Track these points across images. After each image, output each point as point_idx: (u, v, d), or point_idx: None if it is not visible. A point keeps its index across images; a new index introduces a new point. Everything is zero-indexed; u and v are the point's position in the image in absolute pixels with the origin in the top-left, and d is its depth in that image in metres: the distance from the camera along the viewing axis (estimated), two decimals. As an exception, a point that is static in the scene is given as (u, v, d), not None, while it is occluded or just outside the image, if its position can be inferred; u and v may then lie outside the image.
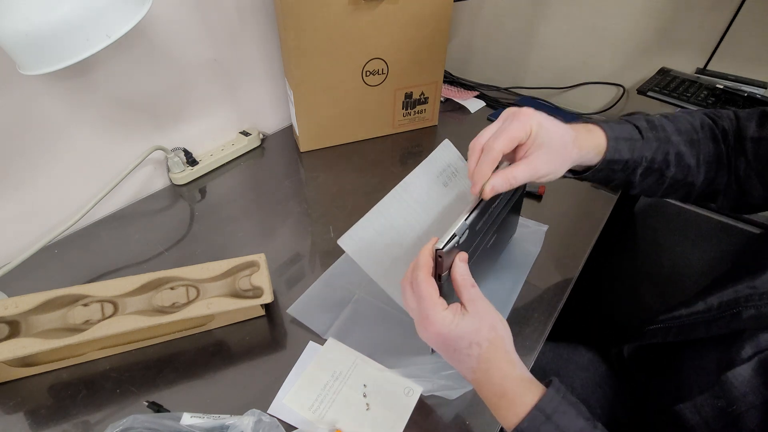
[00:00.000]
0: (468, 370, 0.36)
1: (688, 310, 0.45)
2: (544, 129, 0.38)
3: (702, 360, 0.43)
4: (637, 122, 0.45)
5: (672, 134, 0.45)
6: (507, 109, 0.40)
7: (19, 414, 0.43)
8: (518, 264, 0.57)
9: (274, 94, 0.83)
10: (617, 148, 0.43)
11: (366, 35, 0.70)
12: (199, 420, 0.38)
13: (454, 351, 0.36)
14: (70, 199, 0.61)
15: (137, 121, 0.65)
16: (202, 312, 0.46)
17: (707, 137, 0.45)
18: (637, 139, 0.44)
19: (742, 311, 0.39)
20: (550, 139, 0.38)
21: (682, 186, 0.46)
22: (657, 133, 0.44)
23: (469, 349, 0.35)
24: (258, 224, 0.65)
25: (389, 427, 0.41)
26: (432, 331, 0.35)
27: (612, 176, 0.45)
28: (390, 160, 0.79)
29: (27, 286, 0.54)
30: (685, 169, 0.45)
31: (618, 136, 0.43)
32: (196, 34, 0.66)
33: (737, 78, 0.75)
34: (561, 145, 0.39)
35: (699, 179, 0.46)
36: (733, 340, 0.39)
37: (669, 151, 0.44)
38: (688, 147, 0.45)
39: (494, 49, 1.01)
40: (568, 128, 0.41)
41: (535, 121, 0.38)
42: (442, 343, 0.36)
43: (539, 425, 0.32)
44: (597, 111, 0.92)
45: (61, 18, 0.39)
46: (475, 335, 0.35)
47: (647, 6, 0.78)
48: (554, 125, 0.39)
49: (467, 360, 0.35)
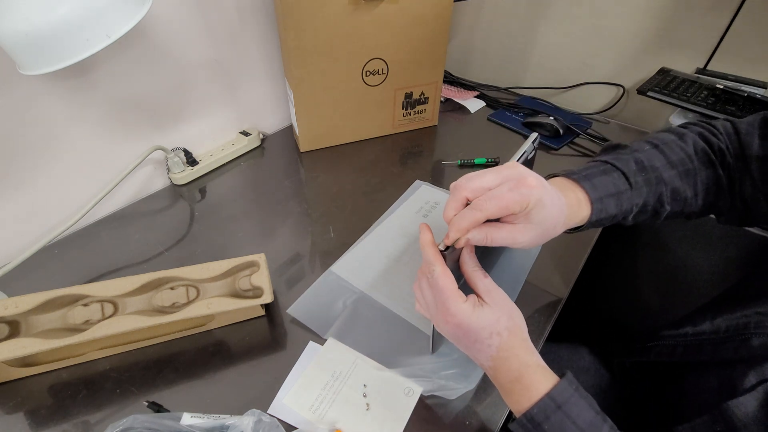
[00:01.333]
0: (486, 359, 0.36)
1: (695, 329, 0.44)
2: (543, 207, 0.34)
3: (704, 381, 0.42)
4: (624, 167, 0.41)
5: (663, 170, 0.42)
6: (511, 166, 0.35)
7: (19, 414, 0.43)
8: (518, 264, 0.57)
9: (274, 94, 0.83)
10: (602, 208, 0.40)
11: (366, 35, 0.70)
12: (199, 420, 0.38)
13: (475, 342, 0.36)
14: (70, 199, 0.61)
15: (137, 121, 0.65)
16: (202, 312, 0.46)
17: (702, 163, 0.42)
18: (624, 191, 0.41)
19: (751, 337, 0.38)
20: (543, 220, 0.35)
21: (680, 215, 0.45)
22: (647, 175, 0.41)
23: (489, 339, 0.35)
24: (258, 224, 0.65)
25: (389, 427, 0.41)
26: (453, 323, 0.35)
27: (600, 226, 0.43)
28: (390, 160, 0.79)
29: (27, 286, 0.54)
30: (682, 202, 0.43)
31: (602, 196, 0.40)
32: (196, 34, 0.66)
33: (737, 78, 0.75)
34: (552, 225, 0.36)
35: (697, 207, 0.44)
36: (736, 365, 0.38)
37: (662, 192, 0.42)
38: (683, 180, 0.42)
39: (494, 49, 1.01)
40: (563, 205, 0.37)
41: (535, 197, 0.33)
42: (462, 334, 0.36)
43: (550, 413, 0.32)
44: (597, 111, 0.92)
45: (61, 18, 0.39)
46: (495, 325, 0.35)
47: (647, 6, 0.78)
48: (553, 204, 0.35)
49: (487, 350, 0.36)
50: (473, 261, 0.38)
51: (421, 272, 0.38)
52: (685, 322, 0.46)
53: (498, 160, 0.76)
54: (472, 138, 0.86)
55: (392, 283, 0.55)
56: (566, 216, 0.38)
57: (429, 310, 0.38)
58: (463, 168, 0.76)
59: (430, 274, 0.36)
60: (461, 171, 0.76)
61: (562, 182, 0.41)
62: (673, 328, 0.47)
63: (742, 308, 0.41)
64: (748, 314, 0.40)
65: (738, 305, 0.42)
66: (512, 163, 0.36)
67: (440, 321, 0.37)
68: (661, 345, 0.48)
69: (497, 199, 0.33)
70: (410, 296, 0.53)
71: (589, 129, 0.86)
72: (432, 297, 0.37)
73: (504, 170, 0.35)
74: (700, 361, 0.43)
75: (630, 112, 0.90)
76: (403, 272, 0.56)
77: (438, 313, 0.36)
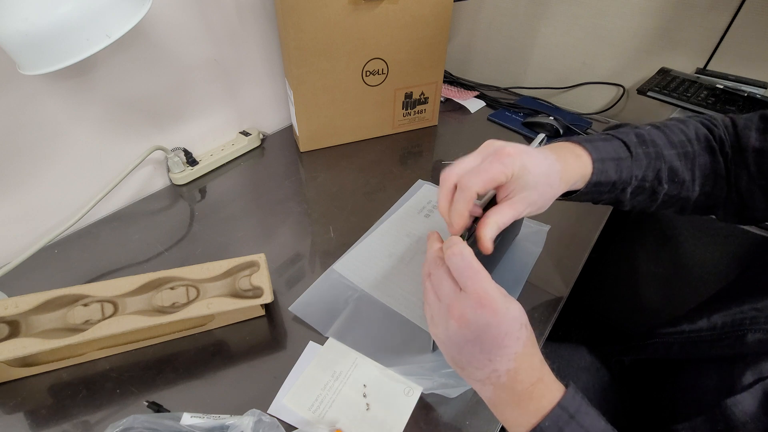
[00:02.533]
0: (510, 358, 0.32)
1: (691, 326, 0.44)
2: (528, 171, 0.35)
3: (701, 379, 0.42)
4: (625, 137, 0.42)
5: (664, 148, 0.42)
6: (488, 143, 0.37)
7: (19, 414, 0.43)
8: (520, 264, 0.57)
9: (274, 94, 0.83)
10: (603, 169, 0.40)
11: (366, 35, 0.70)
12: (199, 420, 0.38)
13: (505, 335, 0.31)
14: (70, 199, 0.61)
15: (137, 121, 0.65)
16: (202, 312, 0.46)
17: (703, 149, 0.42)
18: (624, 158, 0.41)
19: (746, 333, 0.38)
20: (535, 182, 0.35)
21: (676, 201, 0.44)
22: (647, 148, 0.41)
23: (519, 331, 0.32)
24: (258, 224, 0.65)
25: (389, 427, 0.41)
26: (490, 309, 0.31)
27: (599, 197, 0.42)
28: (390, 160, 0.79)
29: (27, 286, 0.54)
30: (679, 184, 0.42)
31: (604, 157, 0.40)
32: (196, 34, 0.66)
33: (737, 78, 0.75)
34: (546, 185, 0.36)
35: (694, 193, 0.43)
36: (734, 362, 0.38)
37: (661, 168, 0.41)
38: (681, 161, 0.42)
39: (494, 49, 1.01)
40: (554, 162, 0.37)
41: (518, 164, 0.34)
42: (495, 324, 0.31)
43: (562, 425, 0.31)
44: (597, 111, 0.92)
45: (61, 18, 0.39)
46: (522, 316, 0.33)
47: (647, 6, 0.78)
48: (539, 165, 0.36)
49: (514, 344, 0.32)
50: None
51: (433, 262, 0.35)
52: (682, 319, 0.46)
53: (498, 160, 0.76)
54: (472, 138, 0.86)
55: (394, 281, 0.55)
56: (560, 171, 0.37)
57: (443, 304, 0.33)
58: (463, 168, 0.76)
59: (460, 254, 0.32)
60: (461, 171, 0.76)
61: (560, 144, 0.41)
62: (671, 325, 0.47)
63: (738, 305, 0.41)
64: (743, 310, 0.40)
65: (734, 302, 0.42)
66: (489, 140, 0.37)
67: (476, 305, 0.31)
68: (658, 342, 0.48)
69: (481, 174, 0.34)
70: (411, 295, 0.53)
71: (589, 129, 0.86)
72: (451, 286, 0.33)
73: (482, 148, 0.37)
74: (698, 359, 0.43)
75: (630, 112, 0.90)
76: (404, 271, 0.56)
77: (461, 301, 0.32)
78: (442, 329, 0.34)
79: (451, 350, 0.34)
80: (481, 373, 0.33)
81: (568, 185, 0.39)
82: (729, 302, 0.42)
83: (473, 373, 0.33)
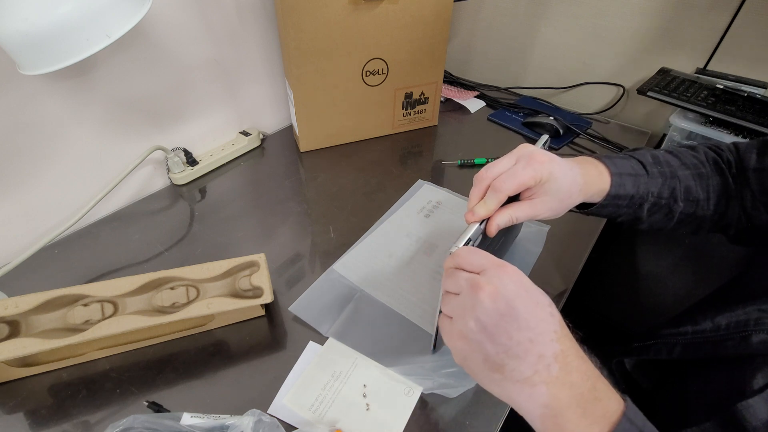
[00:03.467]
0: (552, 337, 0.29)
1: (694, 327, 0.44)
2: (554, 179, 0.38)
3: (709, 381, 0.41)
4: (641, 157, 0.45)
5: (678, 168, 0.45)
6: (522, 147, 0.40)
7: (19, 414, 0.43)
8: (520, 264, 0.57)
9: (274, 94, 0.83)
10: (621, 183, 0.42)
11: (366, 35, 0.70)
12: (199, 420, 0.38)
13: (536, 304, 0.30)
14: (70, 199, 0.61)
15: (137, 121, 0.65)
16: (202, 312, 0.46)
17: (713, 170, 0.45)
18: (641, 175, 0.44)
19: (751, 334, 0.38)
20: (558, 189, 0.39)
21: (692, 220, 0.46)
22: (662, 168, 0.44)
23: (551, 307, 0.30)
24: (258, 224, 0.65)
25: (389, 427, 0.41)
26: (515, 277, 0.30)
27: (618, 211, 0.45)
28: (390, 160, 0.79)
29: (27, 286, 0.54)
30: (694, 203, 0.45)
31: (621, 172, 0.43)
32: (196, 34, 0.66)
33: (737, 78, 0.75)
34: (567, 195, 0.40)
35: (709, 212, 0.45)
36: (743, 365, 0.37)
37: (676, 187, 0.44)
38: (696, 181, 0.45)
39: (494, 49, 1.01)
40: (578, 175, 0.40)
41: (546, 171, 0.38)
42: (523, 293, 0.30)
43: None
44: (597, 111, 0.92)
45: (61, 18, 0.39)
46: (548, 298, 0.31)
47: (647, 6, 0.78)
48: (565, 175, 0.39)
49: (550, 320, 0.30)
50: None
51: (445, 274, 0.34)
52: (684, 320, 0.46)
53: (498, 160, 0.76)
54: (472, 138, 0.86)
55: (394, 281, 0.55)
56: (581, 185, 0.40)
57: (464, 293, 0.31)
58: (463, 168, 0.76)
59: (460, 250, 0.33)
60: (461, 171, 0.76)
61: (584, 158, 0.44)
62: (673, 326, 0.47)
63: (743, 305, 0.40)
64: (747, 311, 0.40)
65: (738, 302, 0.41)
66: (522, 144, 0.40)
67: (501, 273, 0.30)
68: (660, 343, 0.47)
69: (513, 177, 0.37)
70: (411, 295, 0.53)
71: (589, 129, 0.86)
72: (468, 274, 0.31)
73: (515, 151, 0.40)
74: (702, 360, 0.43)
75: (630, 112, 0.90)
76: (404, 271, 0.56)
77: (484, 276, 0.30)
78: (469, 317, 0.30)
79: (484, 344, 0.29)
80: (526, 366, 0.28)
81: (586, 197, 0.42)
82: (732, 302, 0.42)
83: (516, 369, 0.29)
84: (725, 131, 0.68)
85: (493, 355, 0.29)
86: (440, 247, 0.60)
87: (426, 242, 0.60)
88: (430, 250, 0.59)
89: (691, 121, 0.71)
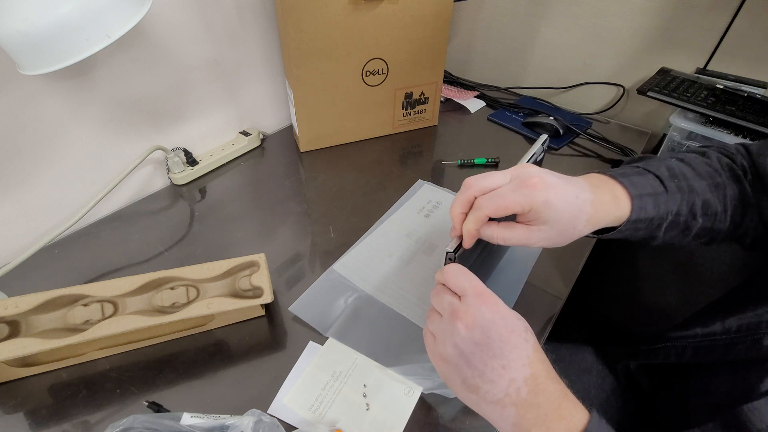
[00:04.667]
0: (524, 363, 0.31)
1: (704, 329, 0.43)
2: (551, 208, 0.34)
3: (712, 383, 0.41)
4: (657, 171, 0.40)
5: (694, 180, 0.40)
6: (521, 167, 0.36)
7: (19, 414, 0.43)
8: (520, 264, 0.57)
9: (274, 94, 0.83)
10: (642, 206, 0.38)
11: (366, 35, 0.70)
12: (199, 420, 0.38)
13: (512, 332, 0.31)
14: (70, 198, 0.61)
15: (137, 121, 0.65)
16: (202, 312, 0.46)
17: (729, 178, 0.41)
18: (660, 193, 0.39)
19: (762, 337, 0.37)
20: (557, 219, 0.34)
21: (708, 233, 0.42)
22: (679, 182, 0.40)
23: (525, 333, 0.32)
24: (258, 224, 0.65)
25: (389, 427, 0.41)
26: (492, 305, 0.32)
27: (634, 234, 0.41)
28: (390, 160, 0.79)
29: (27, 286, 0.54)
30: (713, 217, 0.41)
31: (642, 193, 0.38)
32: (196, 34, 0.66)
33: (737, 78, 0.75)
34: (569, 225, 0.35)
35: (725, 224, 0.42)
36: (748, 366, 0.37)
37: (694, 202, 0.40)
38: (713, 193, 0.41)
39: (494, 49, 1.01)
40: (586, 203, 0.35)
41: (540, 199, 0.33)
42: (500, 321, 0.31)
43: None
44: (597, 111, 0.92)
45: (61, 18, 0.39)
46: (525, 322, 0.32)
47: (647, 6, 0.78)
48: (566, 204, 0.34)
49: (524, 346, 0.31)
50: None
51: (433, 291, 0.36)
52: (693, 322, 0.45)
53: (498, 160, 0.76)
54: (472, 138, 0.86)
55: (394, 281, 0.55)
56: (589, 215, 0.36)
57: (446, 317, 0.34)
58: (463, 168, 0.76)
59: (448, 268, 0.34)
60: (461, 171, 0.76)
61: (598, 178, 0.39)
62: (682, 329, 0.46)
63: (754, 307, 0.40)
64: (759, 313, 0.39)
65: (749, 304, 0.40)
66: (523, 164, 0.36)
67: (479, 303, 0.32)
68: (670, 347, 0.46)
69: (497, 198, 0.34)
70: (411, 295, 0.53)
71: (589, 129, 0.86)
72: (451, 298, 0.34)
73: (513, 170, 0.36)
74: (709, 362, 0.42)
75: (630, 112, 0.90)
76: (404, 271, 0.56)
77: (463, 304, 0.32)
78: (448, 343, 0.32)
79: (461, 368, 0.32)
80: (498, 389, 0.31)
81: (595, 228, 0.37)
82: (743, 304, 0.41)
83: (490, 392, 0.31)
84: (725, 131, 0.68)
85: (470, 378, 0.32)
86: (440, 247, 0.60)
87: (426, 242, 0.60)
88: (430, 250, 0.59)
89: (691, 121, 0.71)
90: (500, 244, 0.36)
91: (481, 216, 0.34)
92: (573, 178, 0.38)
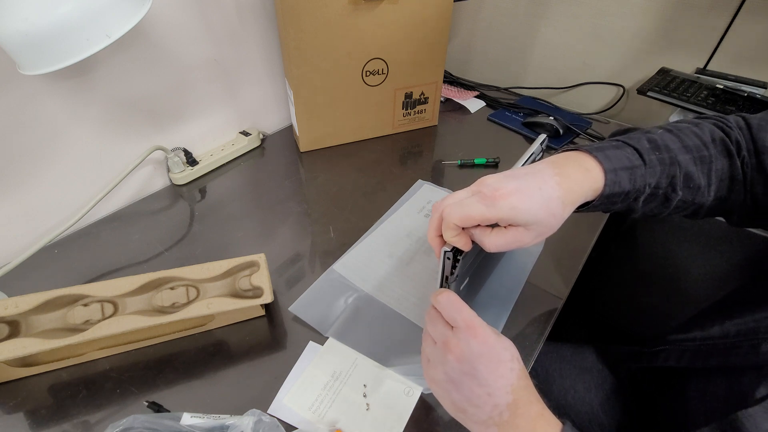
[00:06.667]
0: (507, 390, 0.33)
1: (703, 333, 0.43)
2: (520, 211, 0.33)
3: (709, 388, 0.41)
4: (637, 144, 0.39)
5: (678, 153, 0.39)
6: (481, 180, 0.36)
7: (19, 414, 0.43)
8: (519, 264, 0.57)
9: (274, 94, 0.83)
10: (616, 180, 0.37)
11: (366, 35, 0.70)
12: (199, 420, 0.38)
13: (499, 363, 0.34)
14: (70, 198, 0.61)
15: (137, 121, 0.65)
16: (202, 312, 0.46)
17: (719, 152, 0.40)
18: (638, 166, 0.38)
19: (761, 343, 0.37)
20: (532, 217, 0.34)
21: (689, 206, 0.41)
22: (660, 154, 0.39)
23: (512, 362, 0.34)
24: (258, 224, 0.65)
25: (389, 427, 0.41)
26: (481, 338, 0.34)
27: (611, 207, 0.40)
28: (390, 160, 0.79)
29: (27, 286, 0.54)
30: (695, 190, 0.40)
31: (616, 167, 0.37)
32: (196, 34, 0.66)
33: (737, 78, 0.75)
34: (547, 215, 0.35)
35: (709, 199, 0.40)
36: (744, 372, 0.37)
37: (676, 174, 0.39)
38: (697, 165, 0.39)
39: (494, 49, 1.01)
40: (551, 189, 0.35)
41: (506, 208, 0.33)
42: (487, 353, 0.34)
43: None
44: (597, 111, 0.92)
45: (61, 18, 0.39)
46: (512, 348, 0.35)
47: (647, 6, 0.78)
48: (531, 201, 0.34)
49: (509, 375, 0.34)
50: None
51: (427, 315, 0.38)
52: (692, 326, 0.45)
53: (498, 160, 0.76)
54: (472, 138, 0.86)
55: (394, 281, 0.55)
56: (561, 197, 0.35)
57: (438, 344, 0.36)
58: (463, 168, 0.76)
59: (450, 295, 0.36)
60: (461, 171, 0.76)
61: (565, 156, 0.38)
62: (681, 332, 0.46)
63: (752, 312, 0.39)
64: (757, 319, 0.39)
65: (747, 309, 0.40)
66: (483, 178, 0.36)
67: (468, 336, 0.34)
68: (669, 349, 0.47)
69: (459, 207, 0.35)
70: (411, 295, 0.53)
71: (589, 129, 0.86)
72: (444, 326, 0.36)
73: (474, 185, 0.36)
74: (707, 367, 0.42)
75: (630, 112, 0.90)
76: (404, 271, 0.56)
77: (455, 336, 0.35)
78: (440, 369, 0.35)
79: (451, 392, 0.35)
80: (483, 413, 0.34)
81: (575, 205, 0.37)
82: (742, 309, 0.41)
83: (475, 415, 0.34)
84: (725, 131, 0.68)
85: (458, 401, 0.35)
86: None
87: (426, 242, 0.60)
88: (430, 250, 0.59)
89: (691, 121, 0.71)
90: (495, 251, 0.36)
91: (450, 224, 0.35)
92: (535, 165, 0.37)
